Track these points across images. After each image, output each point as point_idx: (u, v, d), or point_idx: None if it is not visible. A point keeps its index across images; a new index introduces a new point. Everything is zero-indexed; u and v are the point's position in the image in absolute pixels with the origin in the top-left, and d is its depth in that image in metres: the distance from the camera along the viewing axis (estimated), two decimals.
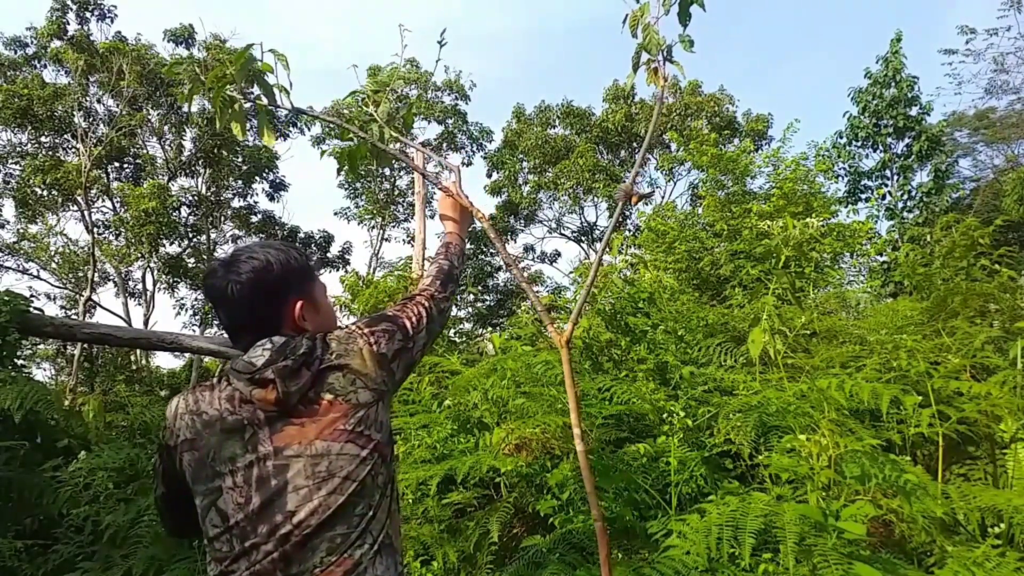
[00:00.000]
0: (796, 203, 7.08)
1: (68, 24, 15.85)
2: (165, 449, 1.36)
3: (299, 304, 1.41)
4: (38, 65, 16.37)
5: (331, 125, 19.51)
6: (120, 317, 17.27)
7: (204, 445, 1.28)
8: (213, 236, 18.78)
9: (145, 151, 17.91)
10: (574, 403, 1.84)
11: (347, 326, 1.45)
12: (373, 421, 1.32)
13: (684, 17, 1.93)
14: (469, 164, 21.89)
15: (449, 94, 20.74)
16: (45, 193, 16.68)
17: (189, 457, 1.30)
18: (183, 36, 16.10)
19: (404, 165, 20.89)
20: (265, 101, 2.13)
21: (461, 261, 1.82)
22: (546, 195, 21.90)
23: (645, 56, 1.97)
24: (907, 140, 14.99)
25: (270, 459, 1.25)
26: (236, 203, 19.35)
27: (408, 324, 1.51)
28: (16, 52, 16.26)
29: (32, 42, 16.19)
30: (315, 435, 1.26)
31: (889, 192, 15.18)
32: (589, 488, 1.81)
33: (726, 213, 7.81)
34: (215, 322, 18.27)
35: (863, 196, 15.56)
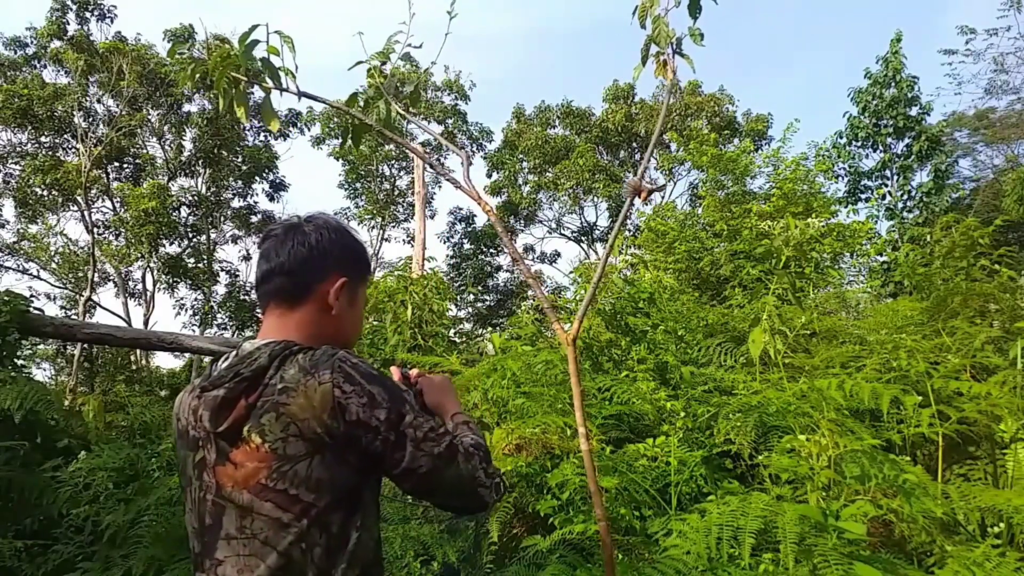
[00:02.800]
0: (796, 203, 7.09)
1: (68, 24, 15.87)
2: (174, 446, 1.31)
3: (341, 281, 1.25)
4: (38, 65, 16.39)
5: (331, 126, 19.40)
6: (120, 317, 17.27)
7: (179, 453, 1.21)
8: (213, 236, 18.78)
9: (145, 151, 17.92)
10: (579, 402, 1.82)
11: (339, 353, 1.13)
12: (303, 479, 1.05)
13: (694, 9, 1.90)
14: (469, 164, 21.86)
15: (449, 94, 20.75)
16: (45, 193, 16.69)
17: (178, 458, 1.24)
18: (183, 36, 16.09)
19: (404, 165, 20.88)
20: (270, 84, 2.10)
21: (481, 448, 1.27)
22: (546, 195, 21.91)
23: (654, 48, 1.94)
24: (907, 140, 15.00)
25: (210, 493, 1.11)
26: (236, 203, 19.37)
27: (414, 426, 1.12)
28: (16, 52, 16.27)
29: (32, 42, 16.21)
30: (243, 482, 1.07)
31: (889, 192, 15.18)
32: (593, 487, 1.80)
33: (726, 213, 7.81)
34: (215, 321, 18.28)
35: (863, 196, 15.56)
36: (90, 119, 16.51)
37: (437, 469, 1.12)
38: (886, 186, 15.31)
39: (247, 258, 19.81)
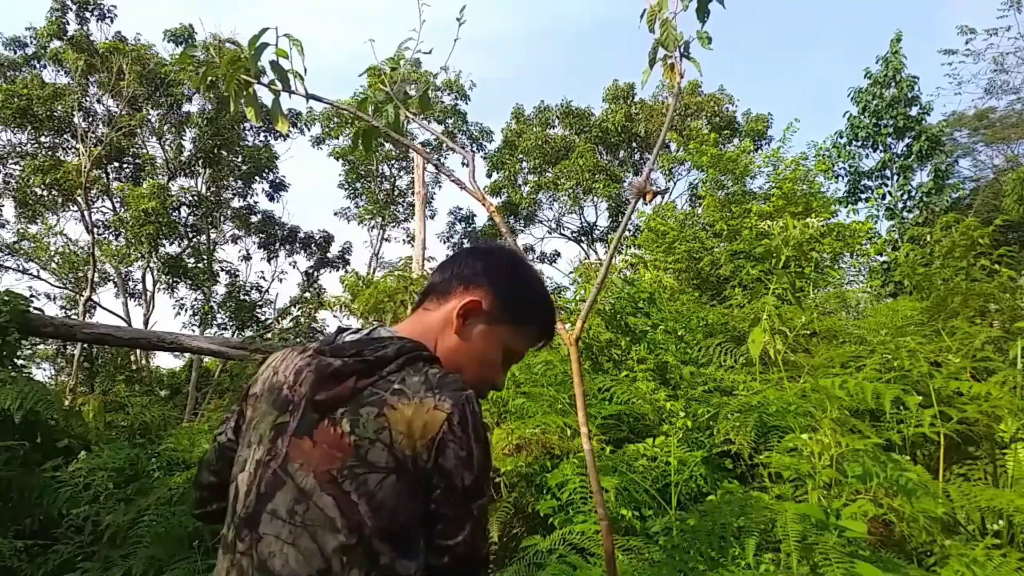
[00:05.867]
0: (796, 203, 7.09)
1: (68, 24, 15.86)
2: (245, 395, 1.20)
3: (471, 302, 1.14)
4: (38, 65, 16.38)
5: (331, 126, 19.39)
6: (120, 317, 17.26)
7: (259, 408, 1.12)
8: (213, 236, 18.78)
9: (145, 151, 17.91)
10: (581, 401, 1.82)
11: (463, 384, 1.06)
12: (369, 492, 0.97)
13: (702, 13, 1.90)
14: (473, 164, 21.86)
15: (449, 94, 20.75)
16: (45, 193, 16.68)
17: (250, 413, 1.14)
18: (183, 36, 16.09)
19: (405, 165, 20.89)
20: (279, 86, 2.11)
21: None
22: (546, 195, 21.90)
23: (662, 52, 1.93)
24: (907, 140, 14.99)
25: (276, 461, 1.03)
26: (236, 203, 19.36)
27: (472, 516, 1.01)
28: (16, 52, 16.27)
29: (32, 42, 16.20)
30: (312, 465, 1.00)
31: (889, 192, 15.18)
32: (595, 487, 1.81)
33: (726, 213, 7.81)
34: (215, 321, 18.28)
35: (863, 196, 15.55)
36: (90, 119, 16.50)
37: (466, 564, 1.02)
38: (886, 186, 15.31)
39: (247, 258, 19.83)
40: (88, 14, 15.97)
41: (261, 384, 1.16)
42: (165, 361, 23.52)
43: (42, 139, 16.51)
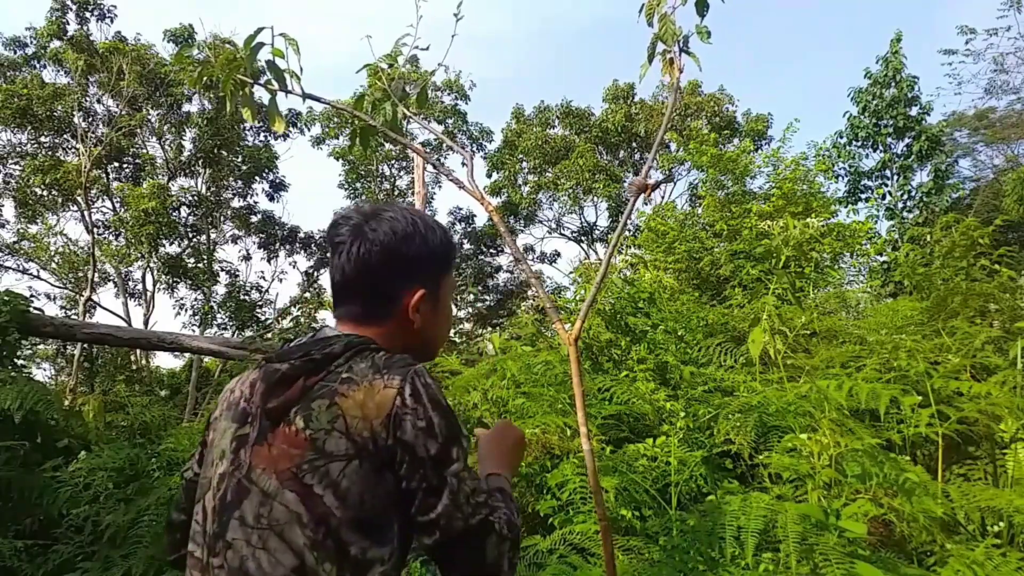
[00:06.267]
0: (796, 203, 7.09)
1: (68, 24, 15.85)
2: (208, 423, 1.19)
3: (419, 294, 1.15)
4: (38, 65, 16.37)
5: (331, 125, 19.35)
6: (120, 317, 17.26)
7: (218, 428, 1.12)
8: (213, 236, 18.78)
9: (145, 151, 17.90)
10: (581, 401, 1.81)
11: (409, 360, 1.08)
12: (332, 482, 0.97)
13: (701, 7, 1.89)
14: (472, 164, 21.87)
15: (449, 94, 20.75)
16: (45, 193, 16.68)
17: (211, 437, 1.14)
18: (183, 36, 16.09)
19: (404, 165, 20.89)
20: (276, 86, 2.11)
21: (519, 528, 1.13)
22: (546, 195, 21.90)
23: (660, 47, 1.93)
24: (907, 140, 14.99)
25: (240, 472, 1.03)
26: (236, 203, 19.34)
27: (459, 480, 1.01)
28: (16, 52, 16.25)
29: (32, 42, 16.19)
30: (273, 466, 1.00)
31: (889, 192, 15.18)
32: (595, 487, 1.81)
33: (726, 213, 7.81)
34: (215, 321, 18.27)
35: (863, 196, 15.55)
36: (90, 119, 16.50)
37: (464, 538, 1.00)
38: (886, 186, 15.31)
39: (247, 258, 19.82)
40: (88, 14, 15.96)
41: (221, 406, 1.16)
42: (165, 361, 23.52)
43: (42, 139, 16.51)
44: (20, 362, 5.92)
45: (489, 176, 22.36)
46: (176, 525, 1.22)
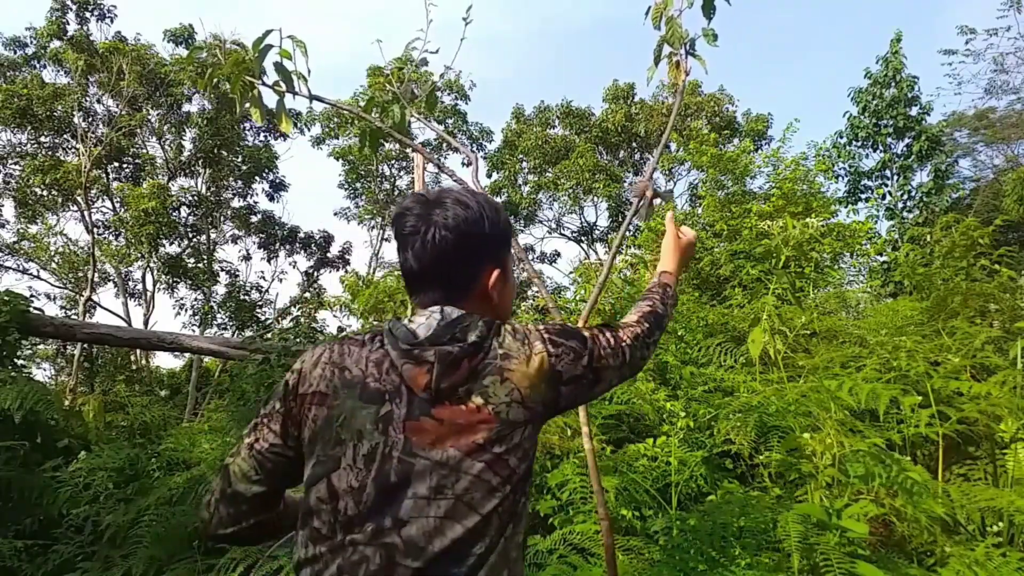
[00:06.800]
0: (796, 203, 7.09)
1: (68, 24, 15.84)
2: (292, 394, 1.17)
3: (495, 273, 1.23)
4: (38, 65, 16.36)
5: (331, 125, 19.32)
6: (120, 317, 17.26)
7: (338, 406, 1.12)
8: (213, 236, 18.77)
9: (145, 151, 17.89)
10: None
11: (528, 324, 1.23)
12: (516, 447, 1.10)
13: (708, 10, 1.89)
14: (469, 164, 21.89)
15: (449, 94, 20.74)
16: (45, 193, 16.67)
17: (316, 412, 1.13)
18: (183, 36, 16.09)
19: (405, 165, 20.89)
20: (283, 87, 2.11)
21: (673, 310, 1.54)
22: (546, 195, 21.89)
23: (667, 49, 1.92)
24: (907, 140, 14.99)
25: (396, 449, 1.07)
26: (236, 203, 19.32)
27: (601, 355, 1.24)
28: (16, 52, 16.25)
29: (32, 42, 16.18)
30: (450, 441, 1.07)
31: (889, 192, 15.18)
32: (595, 487, 1.81)
33: (726, 213, 7.81)
34: (215, 321, 18.27)
35: (863, 196, 15.55)
36: (90, 119, 16.48)
37: (618, 373, 1.28)
38: (886, 186, 15.30)
39: (247, 258, 19.80)
40: (88, 14, 15.95)
41: (324, 383, 1.15)
42: (165, 361, 23.52)
43: (42, 139, 16.50)
44: (20, 362, 5.92)
45: (489, 176, 22.37)
46: (246, 497, 1.18)
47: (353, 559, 1.03)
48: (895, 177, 15.19)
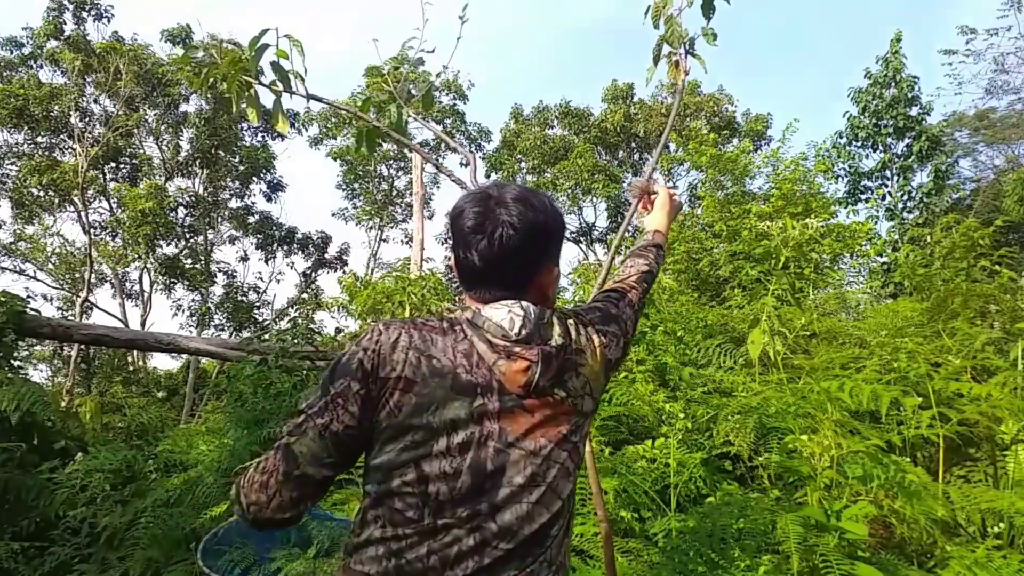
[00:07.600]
0: (795, 204, 7.08)
1: (65, 24, 15.81)
2: (372, 376, 1.13)
3: (554, 272, 1.28)
4: (34, 65, 16.33)
5: (328, 125, 19.30)
6: (117, 318, 17.23)
7: (427, 394, 1.11)
8: (210, 237, 18.75)
9: (142, 151, 17.87)
10: None
11: (572, 312, 1.31)
12: (585, 435, 1.21)
13: (707, 9, 1.88)
14: (467, 164, 21.86)
15: (447, 94, 20.73)
16: (41, 194, 16.65)
17: (401, 398, 1.11)
18: (180, 36, 16.06)
19: (403, 166, 20.89)
20: (280, 87, 2.10)
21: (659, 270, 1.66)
22: None
23: (666, 49, 1.91)
24: (907, 140, 14.98)
25: (492, 440, 1.11)
26: (233, 204, 19.31)
27: (630, 330, 1.37)
28: (12, 52, 16.22)
29: (28, 42, 16.15)
30: (540, 431, 1.13)
31: (889, 192, 15.17)
32: (595, 489, 1.80)
33: (725, 214, 7.81)
34: (213, 322, 18.24)
35: (863, 196, 15.54)
36: (87, 119, 16.46)
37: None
38: (886, 186, 15.30)
39: (245, 259, 19.78)
40: (85, 14, 15.92)
41: (410, 369, 1.13)
42: (162, 362, 23.48)
43: (39, 139, 16.47)
44: (17, 363, 5.89)
45: (488, 176, 22.35)
46: (316, 480, 1.15)
47: (445, 540, 1.07)
48: (895, 177, 15.20)
